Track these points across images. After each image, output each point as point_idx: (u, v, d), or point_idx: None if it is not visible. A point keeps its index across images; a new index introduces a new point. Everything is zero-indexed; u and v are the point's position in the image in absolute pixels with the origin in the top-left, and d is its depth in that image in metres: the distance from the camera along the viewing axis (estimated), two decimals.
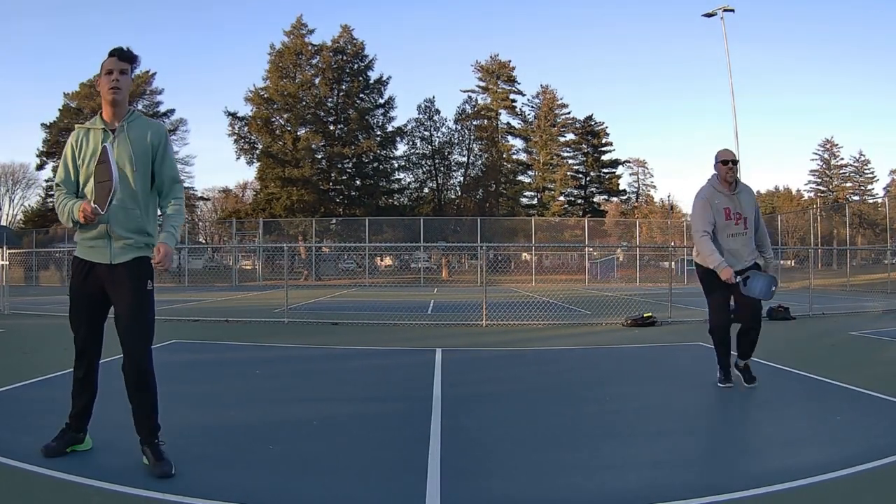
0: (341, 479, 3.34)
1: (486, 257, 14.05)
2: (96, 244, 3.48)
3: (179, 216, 3.64)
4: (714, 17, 30.03)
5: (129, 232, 3.46)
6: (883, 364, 7.01)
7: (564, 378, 6.52)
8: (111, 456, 3.61)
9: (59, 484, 3.19)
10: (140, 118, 3.68)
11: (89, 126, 3.58)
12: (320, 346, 8.73)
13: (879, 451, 3.65)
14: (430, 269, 40.97)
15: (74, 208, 3.37)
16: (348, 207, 45.60)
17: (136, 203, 3.50)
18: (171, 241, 3.49)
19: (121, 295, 3.45)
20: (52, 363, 6.40)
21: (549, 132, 56.21)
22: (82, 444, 3.68)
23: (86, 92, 48.94)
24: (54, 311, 13.70)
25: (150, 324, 3.52)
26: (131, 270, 3.46)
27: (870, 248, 30.16)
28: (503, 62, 55.42)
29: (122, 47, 3.54)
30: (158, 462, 3.36)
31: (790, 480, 3.23)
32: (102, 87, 3.52)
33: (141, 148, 3.53)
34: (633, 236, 43.80)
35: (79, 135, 3.56)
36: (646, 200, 65.02)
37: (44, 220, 47.89)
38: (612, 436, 4.22)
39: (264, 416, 4.65)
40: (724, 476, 3.37)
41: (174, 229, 3.55)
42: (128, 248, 3.46)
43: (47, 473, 3.30)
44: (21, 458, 3.51)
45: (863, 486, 3.20)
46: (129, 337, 3.44)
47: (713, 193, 5.60)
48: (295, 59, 45.93)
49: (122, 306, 3.44)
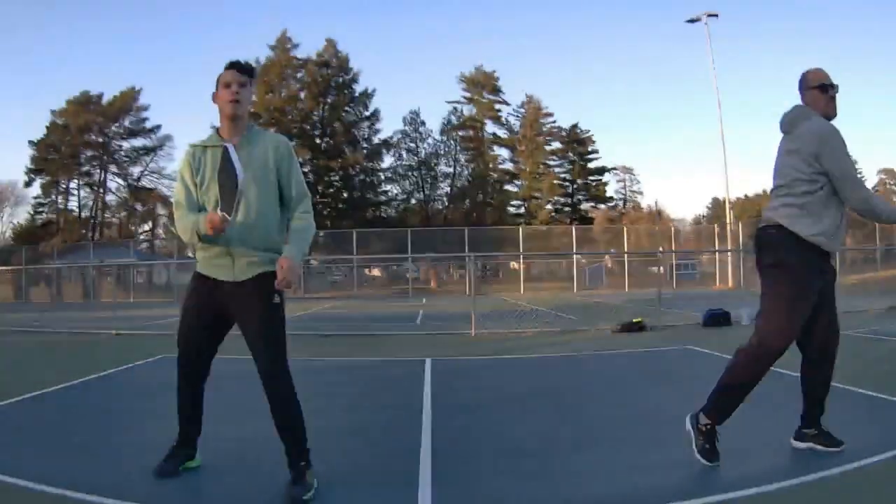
0: (333, 491, 3.32)
1: (474, 267, 14.07)
2: (220, 262, 3.31)
3: (307, 229, 3.38)
4: (698, 22, 30.33)
5: (252, 249, 3.29)
6: (876, 363, 7.07)
7: (555, 385, 6.52)
8: (108, 470, 3.60)
9: (55, 500, 3.17)
10: (260, 132, 3.48)
11: (206, 144, 3.39)
12: (310, 359, 8.68)
13: (873, 449, 3.67)
14: (418, 280, 40.95)
15: (200, 221, 3.15)
16: (336, 220, 45.64)
17: (260, 219, 3.31)
18: (297, 254, 3.24)
19: (249, 311, 3.29)
20: (44, 380, 6.35)
21: (534, 141, 56.47)
22: (193, 461, 3.61)
23: (72, 109, 48.84)
24: (45, 327, 13.63)
25: (282, 338, 3.36)
26: (258, 285, 3.27)
27: (860, 248, 30.31)
28: (488, 73, 55.77)
29: (240, 60, 3.37)
30: (292, 485, 3.22)
31: (784, 480, 3.26)
32: (221, 100, 3.32)
33: (262, 162, 3.33)
34: (621, 243, 43.94)
35: (195, 153, 3.37)
36: (633, 207, 65.26)
37: (33, 237, 47.61)
38: (602, 442, 4.23)
39: (254, 431, 4.62)
40: (718, 478, 3.38)
41: (301, 242, 3.31)
42: (253, 265, 3.28)
43: (46, 490, 3.27)
44: (15, 474, 3.47)
45: (857, 484, 3.23)
46: (261, 353, 3.30)
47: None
48: (280, 74, 46.08)
49: (251, 322, 3.30)
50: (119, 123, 51.71)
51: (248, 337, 3.33)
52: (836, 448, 3.64)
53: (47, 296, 32.84)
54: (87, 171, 51.97)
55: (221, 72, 3.35)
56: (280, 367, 3.34)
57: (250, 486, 3.41)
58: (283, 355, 3.35)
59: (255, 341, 3.31)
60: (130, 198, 53.28)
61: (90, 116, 49.50)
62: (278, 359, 3.33)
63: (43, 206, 51.34)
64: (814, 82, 3.61)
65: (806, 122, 3.56)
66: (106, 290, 32.35)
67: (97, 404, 3.74)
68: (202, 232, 3.15)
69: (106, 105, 50.69)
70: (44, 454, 3.56)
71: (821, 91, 3.57)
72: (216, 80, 3.36)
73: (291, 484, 3.22)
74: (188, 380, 3.51)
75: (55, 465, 3.72)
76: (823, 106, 3.56)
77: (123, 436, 3.53)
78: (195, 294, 3.43)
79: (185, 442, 3.58)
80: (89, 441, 3.70)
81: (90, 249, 41.91)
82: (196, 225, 3.18)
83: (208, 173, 3.31)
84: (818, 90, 3.57)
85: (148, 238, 54.48)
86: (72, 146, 49.17)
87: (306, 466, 3.29)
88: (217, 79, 3.36)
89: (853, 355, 7.63)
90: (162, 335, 11.48)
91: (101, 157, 51.53)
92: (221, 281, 3.33)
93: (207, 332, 3.44)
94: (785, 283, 3.50)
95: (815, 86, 3.59)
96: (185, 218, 3.26)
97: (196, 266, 3.46)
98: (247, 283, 3.28)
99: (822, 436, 3.71)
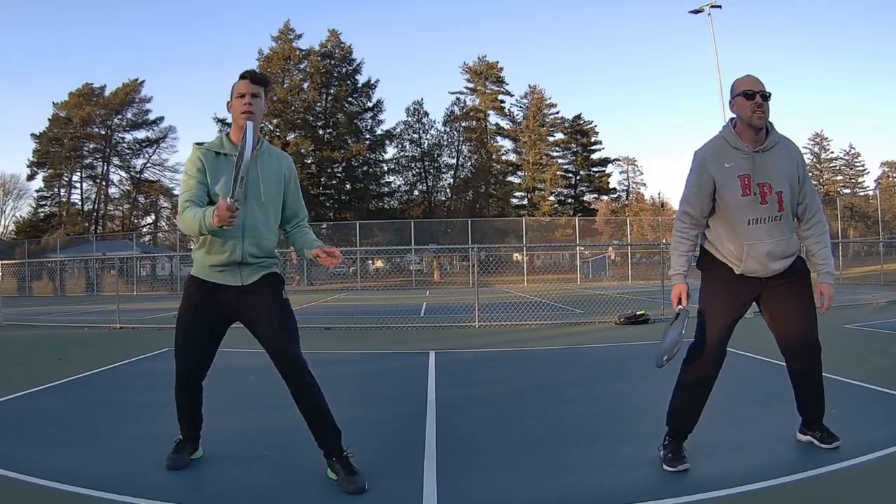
0: (338, 483, 3.34)
1: (477, 258, 14.02)
2: (227, 269, 3.35)
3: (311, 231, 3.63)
4: (701, 13, 30.14)
5: (259, 259, 3.39)
6: (878, 356, 7.05)
7: (558, 378, 6.53)
8: (110, 464, 3.61)
9: (59, 495, 3.18)
10: (270, 147, 3.55)
11: (218, 150, 3.37)
12: (313, 352, 8.64)
13: (876, 444, 3.68)
14: (421, 272, 40.96)
15: (207, 214, 3.06)
16: (339, 211, 45.61)
17: (269, 231, 3.41)
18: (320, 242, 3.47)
19: (262, 307, 3.35)
20: (47, 374, 6.37)
21: (538, 132, 56.40)
22: (196, 452, 3.69)
23: (74, 101, 48.80)
24: (48, 321, 13.66)
25: (295, 327, 3.42)
26: (266, 283, 3.41)
27: (862, 240, 30.30)
28: (491, 63, 55.64)
29: (254, 70, 3.42)
30: (350, 476, 3.25)
31: (788, 475, 3.26)
32: (234, 110, 3.36)
33: (274, 178, 3.43)
34: (624, 234, 43.90)
35: (208, 155, 3.34)
36: (636, 198, 65.12)
37: (35, 230, 47.66)
38: (606, 435, 4.23)
39: (259, 423, 4.65)
40: (720, 472, 3.38)
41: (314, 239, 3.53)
42: (259, 269, 3.39)
43: (46, 485, 3.28)
44: (19, 469, 3.49)
45: (860, 479, 3.23)
46: (281, 344, 3.32)
47: (720, 151, 3.47)
48: (283, 64, 45.97)
49: (265, 316, 3.35)
50: (121, 115, 51.64)
51: (262, 331, 3.36)
52: (829, 445, 3.64)
53: (50, 289, 32.96)
54: (89, 163, 51.96)
55: (236, 81, 3.38)
56: (299, 353, 3.37)
57: (267, 477, 3.42)
58: (298, 342, 3.40)
59: (272, 333, 3.34)
60: (133, 190, 53.28)
61: (92, 109, 49.43)
62: (297, 346, 3.37)
63: (45, 199, 51.36)
64: (738, 89, 3.43)
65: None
66: (108, 283, 32.45)
67: (106, 397, 3.73)
68: (208, 224, 3.08)
69: (108, 97, 50.62)
70: (47, 448, 3.57)
71: (745, 98, 3.38)
72: (231, 89, 3.40)
73: (346, 475, 3.27)
74: (186, 388, 3.55)
75: (61, 458, 3.74)
76: (748, 114, 3.36)
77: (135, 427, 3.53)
78: (195, 300, 3.43)
79: (188, 438, 3.63)
80: (101, 433, 3.70)
81: (93, 242, 42.01)
82: (204, 218, 3.11)
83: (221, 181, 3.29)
84: (742, 97, 3.39)
85: (151, 231, 54.51)
86: (74, 139, 49.15)
87: (349, 455, 3.38)
88: (231, 88, 3.39)
89: (855, 348, 7.62)
90: (166, 328, 11.51)
91: (103, 149, 51.50)
92: (225, 286, 3.36)
93: (207, 336, 3.46)
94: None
95: (739, 93, 3.41)
96: (191, 213, 3.20)
97: (192, 271, 3.48)
98: (254, 285, 3.35)
99: (822, 432, 3.71)
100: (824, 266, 3.56)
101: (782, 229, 3.46)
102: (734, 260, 3.50)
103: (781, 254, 3.47)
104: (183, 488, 3.28)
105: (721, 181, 3.41)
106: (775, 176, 3.41)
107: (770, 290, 3.55)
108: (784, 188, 3.42)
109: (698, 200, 3.49)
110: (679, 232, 3.56)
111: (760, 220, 3.42)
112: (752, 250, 3.44)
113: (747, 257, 3.45)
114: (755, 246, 3.43)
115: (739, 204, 3.40)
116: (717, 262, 3.56)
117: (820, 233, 3.60)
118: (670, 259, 3.56)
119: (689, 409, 3.60)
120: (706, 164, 3.44)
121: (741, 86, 3.42)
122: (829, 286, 3.55)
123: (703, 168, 3.45)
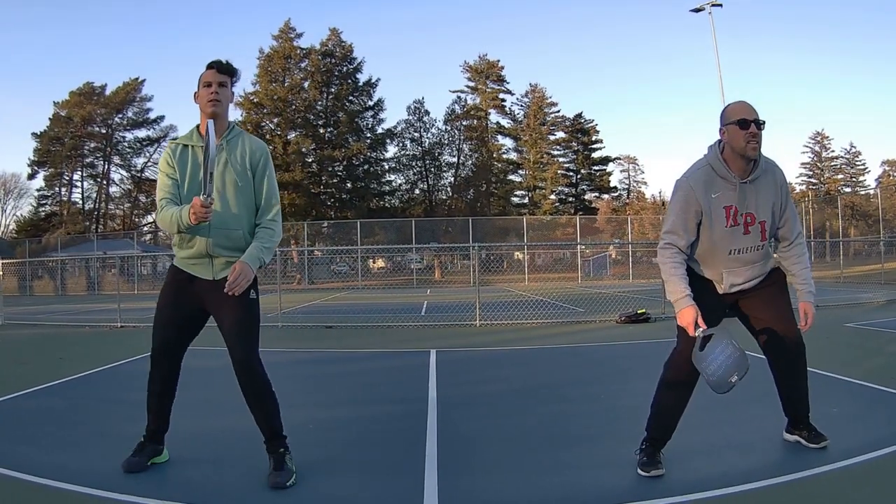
0: (340, 481, 3.35)
1: (478, 257, 14.04)
2: (198, 262, 3.38)
3: (271, 237, 3.42)
4: (702, 12, 30.10)
5: (231, 251, 3.36)
6: (879, 355, 7.05)
7: (559, 376, 6.53)
8: (110, 463, 3.60)
9: (59, 494, 3.18)
10: (241, 134, 3.50)
11: (186, 142, 3.41)
12: (315, 350, 8.74)
13: (877, 443, 3.67)
14: (422, 271, 40.97)
15: (183, 213, 3.17)
16: (340, 210, 45.61)
17: (239, 223, 3.38)
18: (253, 260, 3.29)
19: (226, 306, 3.32)
20: (48, 373, 6.37)
21: (538, 131, 56.39)
22: (161, 456, 3.62)
23: (75, 100, 48.79)
24: (49, 320, 13.66)
25: (256, 331, 3.44)
26: None
27: (863, 239, 30.31)
28: (492, 62, 55.60)
29: (221, 60, 3.39)
30: (276, 471, 3.33)
31: (788, 474, 3.26)
32: (201, 100, 3.35)
33: (242, 166, 3.39)
34: (625, 233, 43.87)
35: (176, 150, 3.40)
36: (637, 197, 65.08)
37: (36, 229, 47.68)
38: (607, 434, 4.23)
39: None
40: (720, 472, 3.38)
41: (261, 249, 3.35)
42: (230, 264, 3.32)
43: (47, 484, 3.29)
44: (20, 468, 3.49)
45: (860, 478, 3.22)
46: (236, 345, 3.34)
47: (707, 180, 3.37)
48: (284, 63, 45.92)
49: (228, 315, 3.35)
50: (122, 114, 51.63)
51: (224, 330, 3.40)
52: (817, 445, 3.62)
53: (51, 288, 32.96)
54: (90, 162, 51.96)
55: (203, 71, 3.40)
56: (254, 358, 3.40)
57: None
58: (256, 347, 3.43)
59: (231, 334, 3.38)
60: (134, 189, 53.28)
61: (93, 108, 49.39)
62: (252, 351, 3.40)
63: (46, 198, 51.39)
64: (732, 117, 3.30)
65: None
66: (109, 282, 32.46)
67: (107, 396, 3.73)
68: (185, 222, 3.19)
69: (109, 96, 50.58)
70: (48, 448, 3.57)
71: (739, 127, 3.26)
72: (198, 79, 3.40)
73: (273, 471, 3.33)
74: (160, 374, 3.53)
75: (61, 457, 3.75)
76: (742, 144, 3.26)
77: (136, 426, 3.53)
78: (173, 286, 3.49)
79: (152, 437, 3.59)
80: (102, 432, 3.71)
81: (94, 241, 42.02)
82: (180, 216, 3.22)
83: (188, 173, 3.37)
84: (736, 126, 3.27)
85: (151, 229, 54.49)
86: (75, 138, 49.13)
87: (285, 453, 3.40)
88: (199, 78, 3.40)
89: (855, 347, 7.61)
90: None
91: (104, 148, 51.50)
92: (199, 278, 3.41)
93: (183, 324, 3.48)
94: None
95: (733, 121, 3.28)
96: (168, 211, 3.31)
97: (173, 261, 3.53)
98: (223, 281, 3.30)
99: (808, 431, 3.69)
100: (806, 286, 3.54)
101: (762, 255, 3.50)
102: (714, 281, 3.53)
103: (759, 274, 3.52)
104: (183, 488, 3.28)
105: (707, 211, 3.35)
106: (760, 206, 3.39)
107: (746, 299, 3.58)
108: (767, 217, 3.41)
109: (685, 231, 3.39)
110: (667, 258, 3.41)
111: (742, 251, 3.43)
112: (730, 275, 3.47)
113: (726, 282, 3.48)
114: (734, 271, 3.46)
115: (723, 235, 3.38)
116: (697, 276, 3.53)
117: (800, 254, 3.57)
118: (666, 285, 3.42)
119: (670, 415, 3.56)
120: (693, 193, 3.35)
121: (735, 113, 3.31)
122: (810, 305, 3.52)
123: (690, 198, 3.36)
